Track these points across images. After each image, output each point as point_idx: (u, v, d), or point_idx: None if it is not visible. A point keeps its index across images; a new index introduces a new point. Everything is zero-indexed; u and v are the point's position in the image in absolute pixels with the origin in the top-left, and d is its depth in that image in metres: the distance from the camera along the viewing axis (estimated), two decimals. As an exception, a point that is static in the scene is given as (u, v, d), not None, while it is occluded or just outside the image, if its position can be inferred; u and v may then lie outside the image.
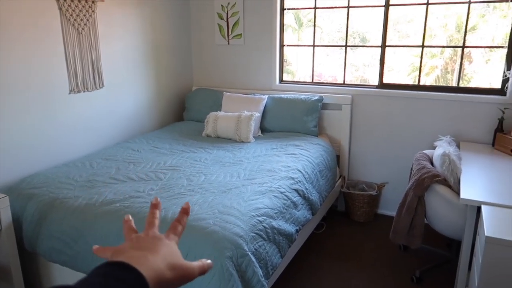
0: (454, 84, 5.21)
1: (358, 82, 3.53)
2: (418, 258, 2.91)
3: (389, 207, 3.58)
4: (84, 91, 2.97)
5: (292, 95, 3.57)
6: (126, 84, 3.37)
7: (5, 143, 2.47)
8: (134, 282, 0.47)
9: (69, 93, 2.86)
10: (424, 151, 2.85)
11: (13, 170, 2.54)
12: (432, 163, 2.71)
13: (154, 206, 0.67)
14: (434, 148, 2.81)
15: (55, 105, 2.77)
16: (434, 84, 5.90)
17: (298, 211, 2.47)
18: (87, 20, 2.91)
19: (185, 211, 0.68)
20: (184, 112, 3.98)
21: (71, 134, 2.92)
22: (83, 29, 2.88)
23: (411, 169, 2.79)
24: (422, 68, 3.40)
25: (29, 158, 2.63)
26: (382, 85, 3.43)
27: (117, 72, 3.26)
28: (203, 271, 0.60)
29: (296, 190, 2.51)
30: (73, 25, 2.81)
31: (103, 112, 3.17)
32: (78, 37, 2.87)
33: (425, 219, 2.54)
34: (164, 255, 0.55)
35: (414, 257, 2.93)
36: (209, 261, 0.62)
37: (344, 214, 3.61)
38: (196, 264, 0.59)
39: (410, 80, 4.93)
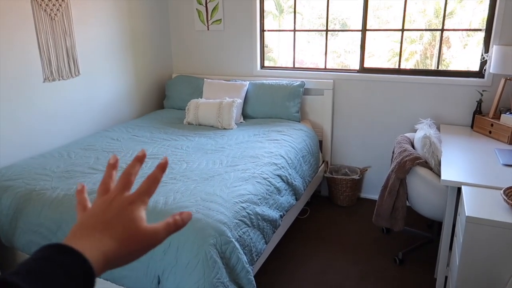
0: (434, 68, 5.26)
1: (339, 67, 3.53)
2: (400, 240, 2.96)
3: (371, 191, 3.62)
4: (59, 79, 2.87)
5: (274, 81, 3.53)
6: (103, 72, 3.28)
7: (-24, 134, 2.38)
8: (76, 268, 0.43)
9: (44, 82, 2.76)
10: (405, 134, 2.87)
11: (-14, 162, 2.44)
12: (413, 146, 2.74)
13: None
14: (415, 131, 2.83)
15: (29, 94, 2.67)
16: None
17: (281, 196, 2.46)
18: (60, 5, 2.79)
19: (162, 166, 0.56)
20: (164, 100, 3.91)
21: (48, 123, 2.83)
22: (55, 14, 2.77)
23: (393, 152, 2.81)
24: (402, 53, 3.41)
25: (4, 149, 2.54)
26: (363, 69, 3.43)
27: (94, 59, 3.16)
28: (173, 229, 0.54)
29: (280, 176, 2.50)
30: (45, 10, 2.70)
31: (81, 100, 3.08)
32: (51, 23, 2.76)
33: (407, 202, 2.57)
34: (118, 228, 0.49)
35: (396, 239, 2.97)
36: (186, 212, 0.55)
37: (328, 199, 3.63)
38: (161, 225, 0.53)
39: (391, 66, 4.96)
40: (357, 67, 3.45)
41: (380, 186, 2.72)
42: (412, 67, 6.24)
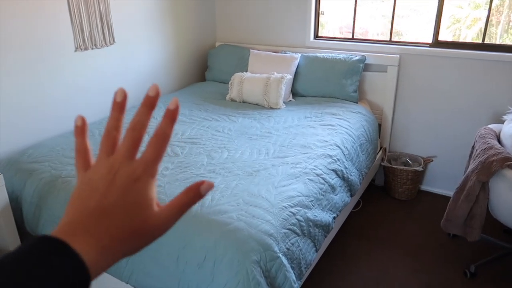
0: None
1: (388, 36, 2.99)
2: (472, 248, 2.54)
3: (435, 184, 3.17)
4: (92, 48, 2.60)
5: (329, 54, 3.09)
6: (140, 40, 2.97)
7: (5, 108, 2.17)
8: (71, 274, 0.33)
9: (75, 51, 2.50)
10: (490, 126, 2.38)
11: (14, 139, 2.26)
12: (500, 142, 2.26)
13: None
14: (502, 122, 2.34)
15: (60, 65, 2.42)
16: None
17: (336, 195, 2.11)
18: (92, -37, 2.47)
19: (171, 115, 0.41)
20: (206, 71, 3.58)
21: (79, 97, 2.59)
22: (88, -26, 2.46)
23: (473, 147, 2.35)
24: (488, 22, 2.82)
25: (32, 125, 2.34)
26: (437, 43, 2.90)
27: (130, 26, 2.86)
28: (187, 208, 0.42)
29: (335, 171, 2.14)
30: (75, -31, 2.39)
31: (115, 71, 2.81)
32: (83, -16, 2.45)
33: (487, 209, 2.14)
34: (120, 219, 0.39)
35: (466, 246, 2.56)
36: (206, 183, 0.42)
37: (383, 190, 3.23)
38: (174, 205, 0.42)
39: (449, 35, 4.28)
40: (428, 40, 2.92)
41: (446, 179, 2.30)
42: (474, 37, 5.46)
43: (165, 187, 1.78)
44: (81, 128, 0.43)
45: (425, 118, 3.05)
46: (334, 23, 3.31)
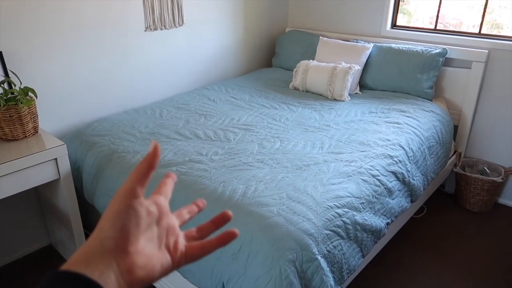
0: None
1: (488, 28, 2.61)
2: (551, 276, 2.21)
3: (516, 199, 2.81)
4: (161, 29, 2.66)
5: (406, 45, 2.83)
6: (209, 22, 2.98)
7: (78, 83, 2.32)
8: None
9: (145, 31, 2.58)
10: None
11: (84, 112, 2.40)
12: None
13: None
14: None
15: (129, 44, 2.51)
16: None
17: (392, 199, 1.94)
18: None
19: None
20: (273, 57, 3.51)
21: (146, 76, 2.68)
22: (162, -45, 2.50)
23: None
24: None
25: (101, 100, 2.47)
26: (536, 38, 2.51)
27: (200, 7, 2.87)
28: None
29: (394, 173, 1.97)
30: (150, -50, 2.44)
31: (182, 53, 2.86)
32: (156, -35, 2.50)
33: None
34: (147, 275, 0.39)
35: (544, 273, 2.23)
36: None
37: (453, 198, 2.94)
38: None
39: None
40: (527, 35, 2.55)
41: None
42: None
43: (210, 172, 1.77)
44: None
45: (512, 123, 2.69)
46: (423, 12, 3.00)
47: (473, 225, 2.65)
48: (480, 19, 2.70)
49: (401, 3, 3.03)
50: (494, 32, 2.71)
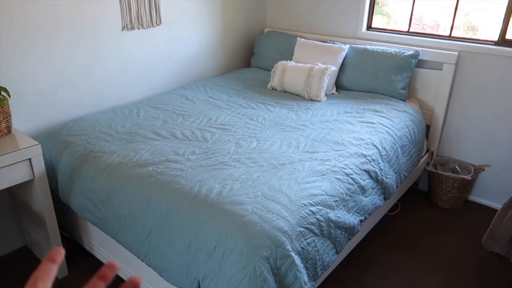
0: None
1: (464, 30, 2.72)
2: (516, 269, 2.31)
3: (485, 195, 2.92)
4: (138, 28, 2.65)
5: (380, 47, 2.91)
6: (187, 22, 2.99)
7: (53, 82, 2.29)
8: None
9: (122, 30, 2.57)
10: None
11: (59, 112, 2.37)
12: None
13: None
14: None
15: (106, 43, 2.50)
16: None
17: (366, 197, 1.99)
18: None
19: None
20: (252, 57, 3.53)
21: (123, 75, 2.67)
22: (139, -46, 2.49)
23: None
24: None
25: (77, 100, 2.44)
26: (503, 41, 2.62)
27: (178, 7, 2.88)
28: None
29: (367, 171, 2.02)
30: (127, -51, 2.43)
31: (160, 52, 2.86)
32: (133, -36, 2.49)
33: (538, 231, 1.92)
34: None
35: (509, 268, 2.33)
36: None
37: (426, 196, 3.03)
38: None
39: None
40: (494, 37, 2.65)
41: (499, 192, 2.08)
42: None
43: (187, 171, 1.78)
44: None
45: (482, 123, 2.79)
46: (402, 13, 3.06)
47: (444, 221, 2.74)
48: (451, 22, 2.79)
49: (377, 5, 3.11)
50: (469, 34, 2.80)
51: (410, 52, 2.77)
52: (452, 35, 2.81)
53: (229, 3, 3.26)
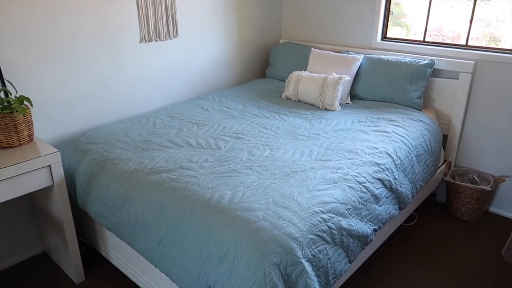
0: None
1: (486, 41, 2.70)
2: (539, 283, 2.23)
3: (506, 207, 2.84)
4: (156, 40, 2.73)
5: (394, 57, 2.90)
6: (204, 34, 3.05)
7: (73, 92, 2.37)
8: None
9: (140, 42, 2.65)
10: None
11: (78, 121, 2.45)
12: None
13: None
14: None
15: (124, 55, 2.58)
16: None
17: (380, 206, 1.98)
18: (162, -41, 2.59)
19: None
20: (267, 68, 3.57)
21: (140, 86, 2.74)
22: (157, -31, 2.58)
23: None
24: None
25: (96, 110, 2.52)
26: (522, 49, 2.58)
27: (195, 19, 2.95)
28: None
29: (381, 180, 2.01)
30: (146, -36, 2.52)
31: (176, 64, 2.93)
32: (152, -21, 2.58)
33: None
34: None
35: (532, 280, 2.25)
36: None
37: (444, 207, 2.97)
38: None
39: None
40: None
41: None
42: None
43: (200, 178, 1.81)
44: None
45: (502, 133, 2.73)
46: (421, 25, 3.04)
47: (463, 233, 2.68)
48: (467, 32, 2.77)
49: (395, 17, 3.11)
50: (492, 45, 2.77)
51: (425, 62, 2.75)
52: (469, 44, 2.78)
53: (245, 15, 3.32)
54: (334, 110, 2.74)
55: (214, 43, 3.15)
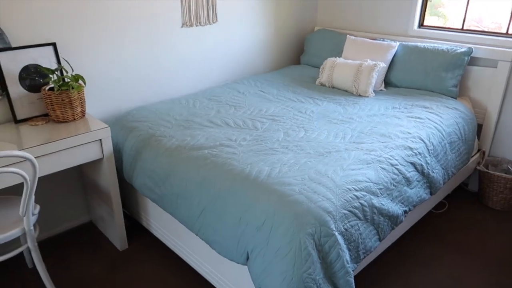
0: None
1: None
2: None
3: (540, 199, 2.81)
4: (196, 25, 2.85)
5: (431, 45, 2.90)
6: (241, 20, 3.15)
7: (121, 72, 2.53)
8: None
9: (182, 27, 2.77)
10: None
11: (124, 99, 2.61)
12: None
13: None
14: None
15: (168, 38, 2.71)
16: None
17: (411, 189, 2.03)
18: None
19: None
20: (302, 55, 3.64)
21: (182, 69, 2.87)
22: (199, -44, 2.68)
23: None
24: None
25: (140, 89, 2.67)
26: None
27: (233, 6, 3.04)
28: None
29: (413, 164, 2.06)
30: (189, -48, 2.63)
31: (215, 48, 3.04)
32: (194, -34, 2.69)
33: None
34: None
35: None
36: None
37: (476, 196, 2.97)
38: None
39: None
40: (555, 35, 2.57)
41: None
42: None
43: (239, 155, 1.92)
44: None
45: (538, 123, 2.70)
46: (460, 15, 3.01)
47: (494, 222, 2.69)
48: (508, 21, 2.73)
49: (432, 7, 3.09)
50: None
51: (463, 49, 2.74)
52: (509, 32, 2.75)
53: (282, 2, 3.39)
54: (368, 96, 2.78)
55: (251, 29, 3.24)
